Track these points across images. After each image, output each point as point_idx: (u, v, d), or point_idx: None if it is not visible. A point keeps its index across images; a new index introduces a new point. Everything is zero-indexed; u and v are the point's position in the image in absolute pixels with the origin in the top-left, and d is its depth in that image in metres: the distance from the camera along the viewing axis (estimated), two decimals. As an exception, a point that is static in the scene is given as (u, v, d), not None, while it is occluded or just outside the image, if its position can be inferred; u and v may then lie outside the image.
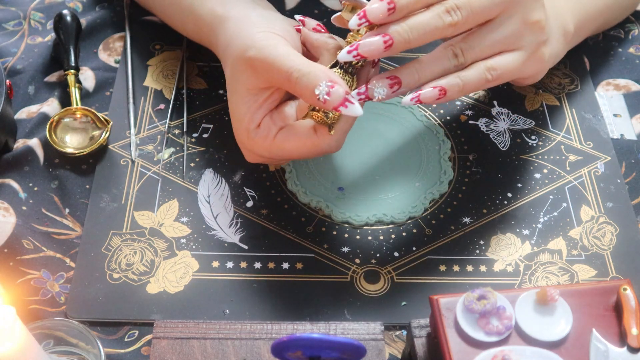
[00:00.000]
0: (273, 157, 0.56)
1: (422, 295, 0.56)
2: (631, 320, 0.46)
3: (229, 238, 0.59)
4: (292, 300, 0.56)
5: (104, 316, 0.54)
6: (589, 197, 0.63)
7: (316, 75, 0.50)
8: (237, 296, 0.56)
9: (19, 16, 0.76)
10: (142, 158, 0.64)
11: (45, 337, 0.51)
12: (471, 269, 0.58)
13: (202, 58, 0.71)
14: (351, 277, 0.57)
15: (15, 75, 0.69)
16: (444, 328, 0.46)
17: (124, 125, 0.66)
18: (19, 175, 0.62)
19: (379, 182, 0.62)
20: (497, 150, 0.66)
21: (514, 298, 0.47)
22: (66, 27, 0.70)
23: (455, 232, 0.60)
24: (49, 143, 0.63)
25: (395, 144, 0.65)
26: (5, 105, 0.62)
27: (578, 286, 0.48)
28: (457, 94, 0.52)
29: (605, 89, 0.71)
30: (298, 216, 0.61)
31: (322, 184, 0.62)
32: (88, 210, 0.60)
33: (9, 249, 0.57)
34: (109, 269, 0.57)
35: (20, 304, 0.54)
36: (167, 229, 0.59)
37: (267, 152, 0.55)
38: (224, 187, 0.62)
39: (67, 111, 0.65)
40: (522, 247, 0.59)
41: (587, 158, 0.66)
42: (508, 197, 0.62)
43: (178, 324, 0.52)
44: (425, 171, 0.63)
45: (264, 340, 0.51)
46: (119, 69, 0.70)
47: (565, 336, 0.46)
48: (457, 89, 0.52)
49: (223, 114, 0.67)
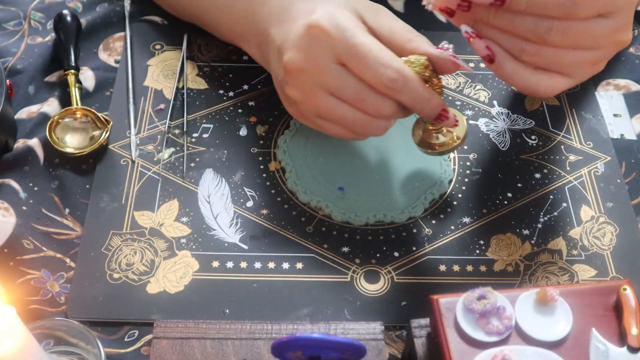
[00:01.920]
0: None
1: (422, 295, 0.56)
2: (631, 320, 0.46)
3: (229, 238, 0.59)
4: (292, 300, 0.56)
5: (104, 316, 0.54)
6: (589, 197, 0.63)
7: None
8: (237, 296, 0.56)
9: (19, 16, 0.76)
10: (142, 158, 0.64)
11: (45, 337, 0.51)
12: (471, 269, 0.58)
13: (202, 58, 0.71)
14: (351, 277, 0.57)
15: (15, 75, 0.69)
16: (444, 328, 0.46)
17: (124, 125, 0.66)
18: (19, 175, 0.62)
19: (379, 182, 0.62)
20: (497, 150, 0.66)
21: (514, 298, 0.47)
22: (66, 27, 0.70)
23: (455, 232, 0.60)
24: (49, 143, 0.63)
25: (395, 144, 0.65)
26: (5, 105, 0.62)
27: (578, 286, 0.48)
28: (497, 71, 0.52)
29: (605, 89, 0.71)
30: (298, 216, 0.61)
31: (322, 184, 0.62)
32: (88, 210, 0.60)
33: (9, 249, 0.57)
34: (109, 269, 0.57)
35: (20, 304, 0.54)
36: (167, 229, 0.59)
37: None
38: (224, 187, 0.62)
39: (67, 111, 0.65)
40: (522, 247, 0.59)
41: (587, 158, 0.66)
42: (508, 197, 0.62)
43: (178, 324, 0.52)
44: (425, 171, 0.63)
45: (264, 340, 0.51)
46: (119, 69, 0.70)
47: (565, 336, 0.46)
48: (504, 74, 0.52)
49: (223, 114, 0.67)
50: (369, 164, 0.64)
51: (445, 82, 0.70)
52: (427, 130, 0.58)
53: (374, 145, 0.65)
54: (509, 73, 0.52)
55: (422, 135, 0.58)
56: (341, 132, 0.57)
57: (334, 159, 0.64)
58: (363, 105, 0.54)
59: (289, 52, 0.55)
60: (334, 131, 0.57)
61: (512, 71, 0.52)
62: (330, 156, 0.64)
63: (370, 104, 0.54)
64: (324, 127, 0.57)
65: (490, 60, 0.52)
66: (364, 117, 0.55)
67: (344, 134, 0.57)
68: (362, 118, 0.55)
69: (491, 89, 0.70)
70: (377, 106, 0.54)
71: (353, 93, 0.53)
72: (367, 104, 0.54)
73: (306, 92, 0.55)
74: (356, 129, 0.56)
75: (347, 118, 0.55)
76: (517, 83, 0.52)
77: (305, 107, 0.56)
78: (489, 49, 0.51)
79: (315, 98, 0.55)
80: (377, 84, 0.52)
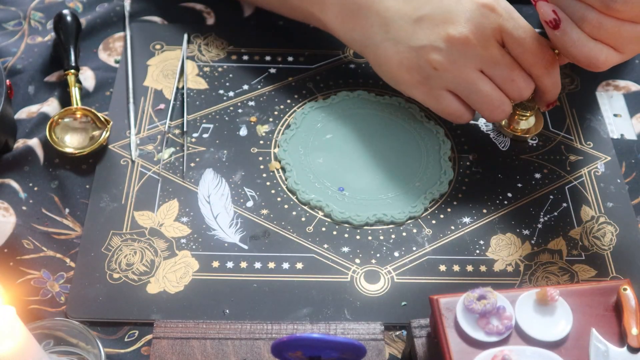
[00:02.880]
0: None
1: (422, 295, 0.56)
2: (631, 320, 0.46)
3: (229, 238, 0.59)
4: (292, 300, 0.56)
5: (104, 316, 0.54)
6: (589, 197, 0.63)
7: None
8: (237, 296, 0.56)
9: (19, 16, 0.76)
10: (142, 158, 0.64)
11: (45, 337, 0.51)
12: (471, 269, 0.58)
13: (202, 58, 0.71)
14: (351, 277, 0.57)
15: (15, 75, 0.69)
16: (444, 328, 0.46)
17: (124, 125, 0.66)
18: (19, 175, 0.62)
19: (379, 182, 0.62)
20: (497, 150, 0.66)
21: (514, 298, 0.47)
22: (66, 27, 0.70)
23: (455, 232, 0.60)
24: (49, 143, 0.63)
25: (395, 144, 0.65)
26: (5, 105, 0.62)
27: (578, 286, 0.48)
28: (560, 39, 0.53)
29: (605, 89, 0.71)
30: (298, 216, 0.61)
31: (322, 184, 0.62)
32: (88, 210, 0.60)
33: (9, 249, 0.57)
34: (109, 269, 0.57)
35: (20, 304, 0.54)
36: (167, 229, 0.59)
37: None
38: (224, 187, 0.62)
39: (67, 111, 0.65)
40: (522, 247, 0.59)
41: (587, 158, 0.66)
42: (508, 197, 0.62)
43: (178, 324, 0.52)
44: (425, 171, 0.63)
45: (264, 340, 0.51)
46: (119, 69, 0.70)
47: (565, 336, 0.46)
48: (567, 42, 0.53)
49: (223, 114, 0.67)
50: (369, 164, 0.64)
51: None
52: (514, 115, 0.65)
53: (374, 145, 0.65)
54: (572, 40, 0.52)
55: (509, 119, 0.66)
56: (460, 111, 0.60)
57: (334, 158, 0.64)
58: (510, 85, 0.58)
59: (457, 25, 0.57)
60: (453, 107, 0.60)
61: (577, 38, 0.52)
62: (330, 156, 0.64)
63: (517, 85, 0.58)
64: (445, 101, 0.60)
65: (555, 25, 0.52)
66: (502, 98, 0.58)
67: (460, 114, 0.61)
68: (499, 98, 0.58)
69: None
70: (522, 87, 0.58)
71: (506, 71, 0.57)
72: (514, 85, 0.58)
73: (457, 63, 0.58)
74: (487, 108, 0.59)
75: (485, 95, 0.58)
76: (580, 51, 0.53)
77: (446, 77, 0.59)
78: (555, 12, 0.52)
79: (464, 69, 0.58)
80: (533, 65, 0.57)
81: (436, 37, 0.58)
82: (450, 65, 0.58)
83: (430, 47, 0.58)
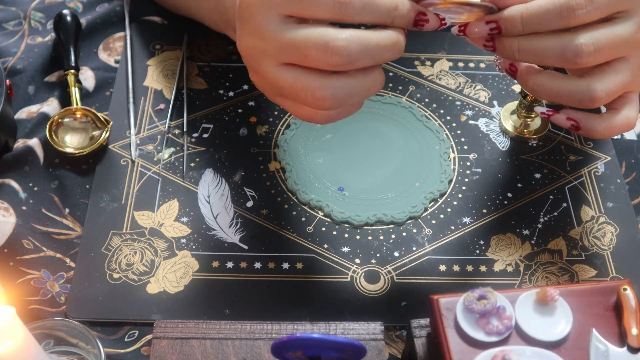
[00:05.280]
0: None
1: (422, 295, 0.56)
2: (631, 320, 0.46)
3: (229, 238, 0.59)
4: (292, 300, 0.56)
5: (104, 316, 0.54)
6: (589, 197, 0.63)
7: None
8: (237, 296, 0.56)
9: (19, 16, 0.76)
10: (142, 158, 0.64)
11: (45, 337, 0.51)
12: (471, 269, 0.58)
13: (202, 58, 0.71)
14: (351, 277, 0.57)
15: (15, 75, 0.69)
16: (444, 328, 0.46)
17: (124, 125, 0.66)
18: (19, 175, 0.62)
19: (379, 182, 0.62)
20: (497, 150, 0.66)
21: (514, 298, 0.47)
22: (66, 27, 0.70)
23: (455, 232, 0.60)
24: (49, 143, 0.63)
25: (395, 144, 0.65)
26: (5, 105, 0.62)
27: (578, 286, 0.48)
28: (587, 134, 0.50)
29: (605, 89, 0.71)
30: (298, 216, 0.61)
31: (322, 184, 0.62)
32: (88, 210, 0.60)
33: (9, 249, 0.57)
34: (109, 269, 0.57)
35: (20, 304, 0.54)
36: (167, 229, 0.59)
37: None
38: (224, 187, 0.62)
39: (67, 111, 0.65)
40: (522, 247, 0.59)
41: (587, 158, 0.66)
42: (508, 197, 0.62)
43: (178, 324, 0.52)
44: (425, 171, 0.63)
45: (264, 340, 0.51)
46: (119, 69, 0.70)
47: (565, 336, 0.46)
48: (594, 131, 0.49)
49: (223, 114, 0.67)
50: (369, 164, 0.64)
51: (445, 82, 0.70)
52: (520, 115, 0.66)
53: (374, 145, 0.65)
54: (599, 130, 0.49)
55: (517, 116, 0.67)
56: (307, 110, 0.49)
57: (334, 159, 0.64)
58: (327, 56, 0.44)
59: (238, 36, 0.48)
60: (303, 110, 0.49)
61: (603, 128, 0.49)
62: (330, 156, 0.64)
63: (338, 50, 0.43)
64: (285, 105, 0.50)
65: (576, 128, 0.50)
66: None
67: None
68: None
69: (491, 89, 0.70)
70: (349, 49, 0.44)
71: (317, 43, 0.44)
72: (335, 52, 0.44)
73: (258, 70, 0.47)
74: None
75: (308, 84, 0.45)
76: (605, 134, 0.50)
77: (264, 88, 0.49)
78: (570, 119, 0.50)
79: (266, 73, 0.46)
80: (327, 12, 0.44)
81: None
82: (257, 77, 0.48)
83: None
